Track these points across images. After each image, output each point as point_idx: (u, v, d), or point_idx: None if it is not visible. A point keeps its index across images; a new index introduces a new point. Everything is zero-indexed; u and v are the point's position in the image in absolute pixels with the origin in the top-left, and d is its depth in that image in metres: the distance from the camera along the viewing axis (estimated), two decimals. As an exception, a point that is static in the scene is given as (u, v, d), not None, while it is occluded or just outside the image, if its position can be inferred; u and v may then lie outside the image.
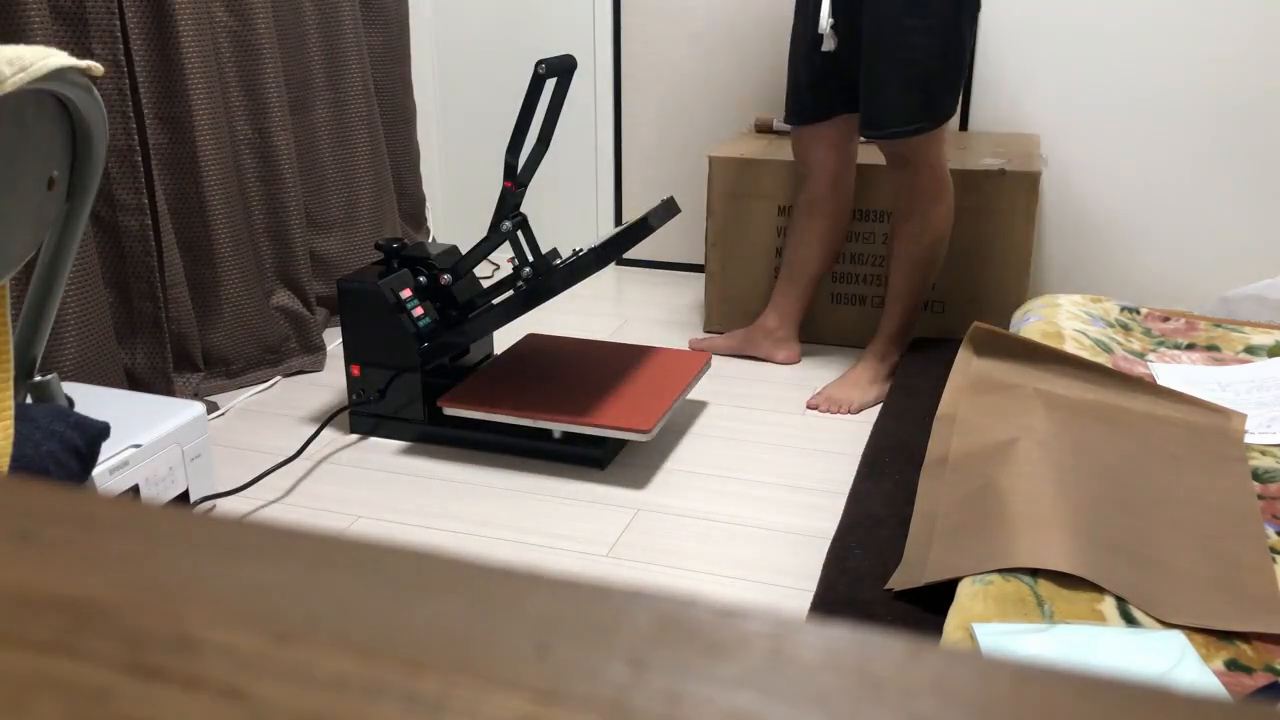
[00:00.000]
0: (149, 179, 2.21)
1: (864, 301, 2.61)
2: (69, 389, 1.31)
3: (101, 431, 1.12)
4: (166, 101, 2.24)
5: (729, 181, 2.63)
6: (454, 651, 0.23)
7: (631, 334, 2.78)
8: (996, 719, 0.21)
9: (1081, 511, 1.28)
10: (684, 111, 3.16)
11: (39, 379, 1.14)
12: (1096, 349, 1.79)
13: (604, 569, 1.73)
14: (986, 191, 2.44)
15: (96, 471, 1.39)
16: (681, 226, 3.20)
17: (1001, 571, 1.18)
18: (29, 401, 1.14)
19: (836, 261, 2.56)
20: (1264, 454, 1.50)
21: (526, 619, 0.24)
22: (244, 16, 2.39)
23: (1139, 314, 2.00)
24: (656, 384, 2.13)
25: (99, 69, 0.94)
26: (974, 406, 1.61)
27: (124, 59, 2.09)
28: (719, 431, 2.21)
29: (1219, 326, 1.93)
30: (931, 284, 2.35)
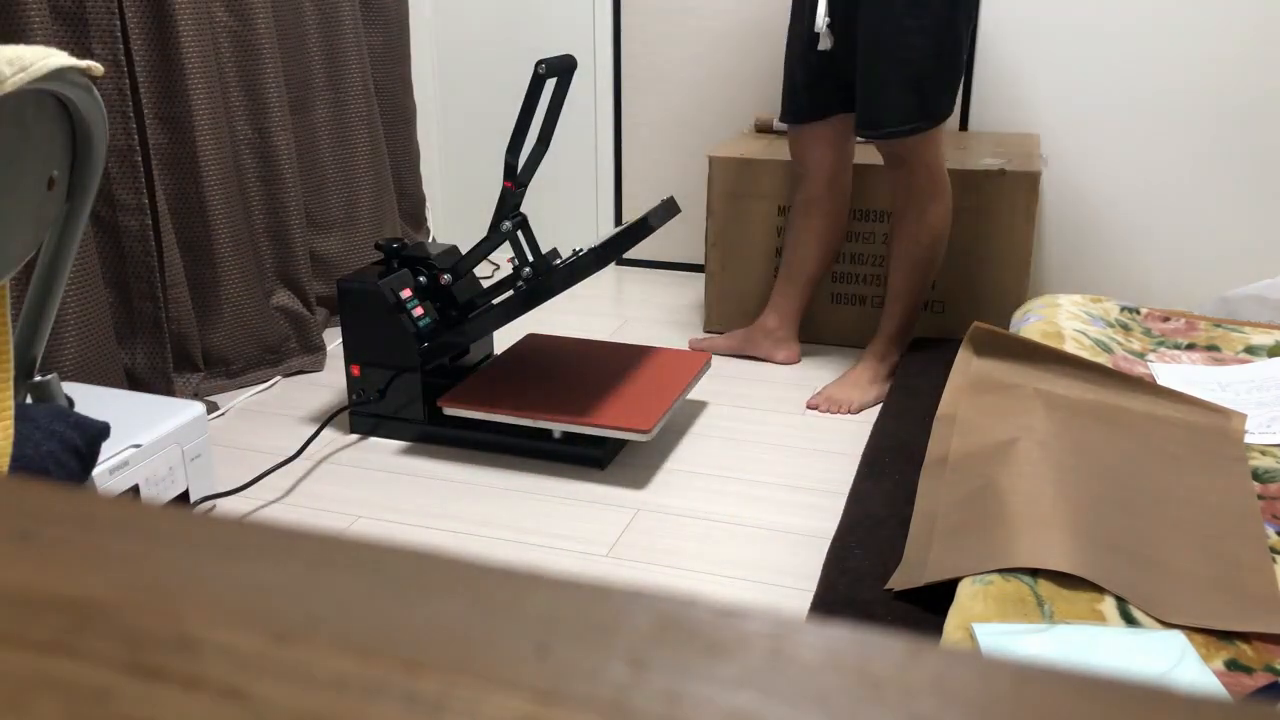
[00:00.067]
0: (149, 179, 2.21)
1: (864, 301, 2.61)
2: (69, 389, 1.31)
3: (101, 431, 1.12)
4: (166, 101, 2.24)
5: (729, 181, 2.63)
6: (454, 651, 0.23)
7: (631, 334, 2.78)
8: (996, 719, 0.21)
9: (1081, 511, 1.28)
10: (684, 111, 3.16)
11: (39, 379, 1.14)
12: (1096, 349, 1.79)
13: (604, 569, 1.73)
14: (986, 191, 2.44)
15: (96, 471, 1.39)
16: (681, 226, 3.20)
17: (1001, 571, 1.18)
18: (29, 401, 1.14)
19: (835, 261, 2.56)
20: (1264, 454, 1.50)
21: (526, 619, 0.24)
22: (244, 16, 2.39)
23: (1139, 314, 2.00)
24: (656, 384, 2.13)
25: (99, 69, 0.94)
26: (974, 406, 1.61)
27: (124, 59, 2.09)
28: (719, 431, 2.21)
29: (1219, 326, 1.93)
30: (931, 284, 2.35)
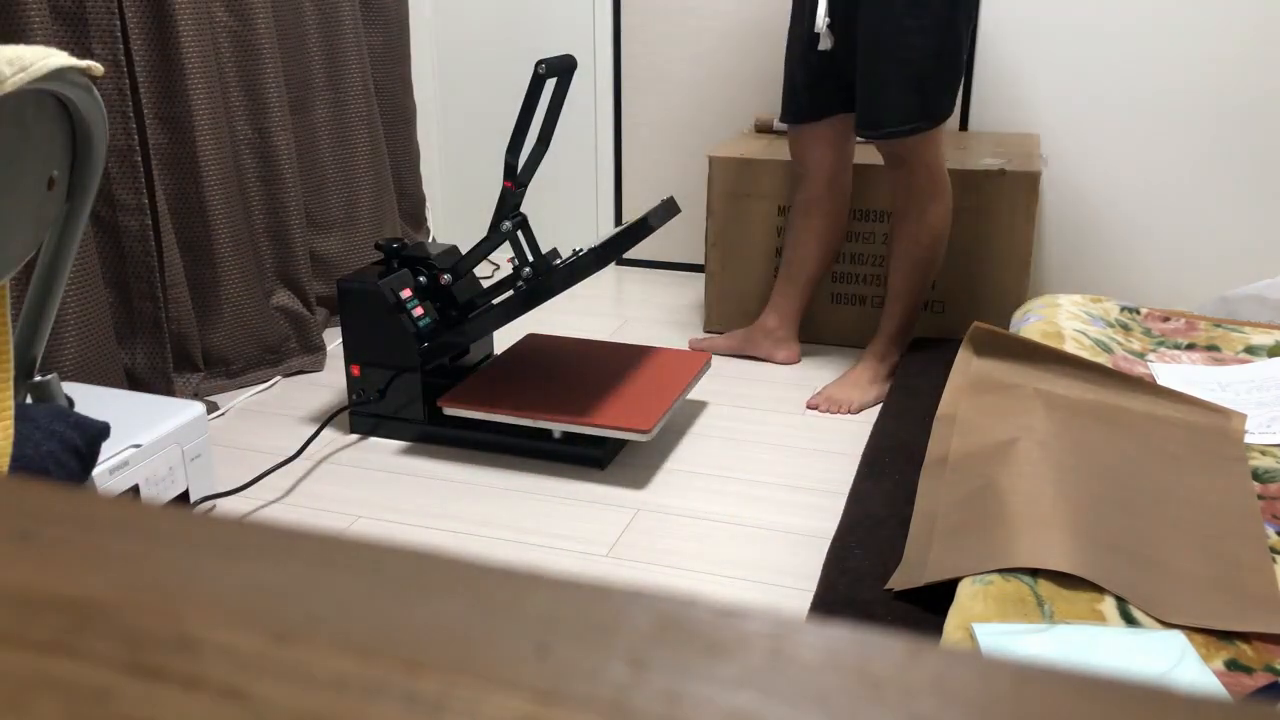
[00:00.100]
0: (149, 179, 2.21)
1: (864, 301, 2.61)
2: (69, 389, 1.31)
3: (101, 431, 1.12)
4: (166, 101, 2.24)
5: (729, 181, 2.63)
6: (454, 651, 0.23)
7: (631, 334, 2.78)
8: (996, 719, 0.21)
9: (1081, 511, 1.28)
10: (684, 111, 3.16)
11: (39, 379, 1.14)
12: (1096, 349, 1.79)
13: (604, 569, 1.73)
14: (986, 191, 2.44)
15: (96, 471, 1.39)
16: (681, 226, 3.20)
17: (1001, 571, 1.18)
18: (29, 401, 1.14)
19: (835, 261, 2.56)
20: (1264, 454, 1.50)
21: (526, 619, 0.24)
22: (244, 16, 2.39)
23: (1139, 314, 2.00)
24: (656, 384, 2.13)
25: (99, 69, 0.94)
26: (974, 406, 1.61)
27: (124, 59, 2.09)
28: (719, 431, 2.21)
29: (1219, 326, 1.93)
30: (931, 284, 2.35)
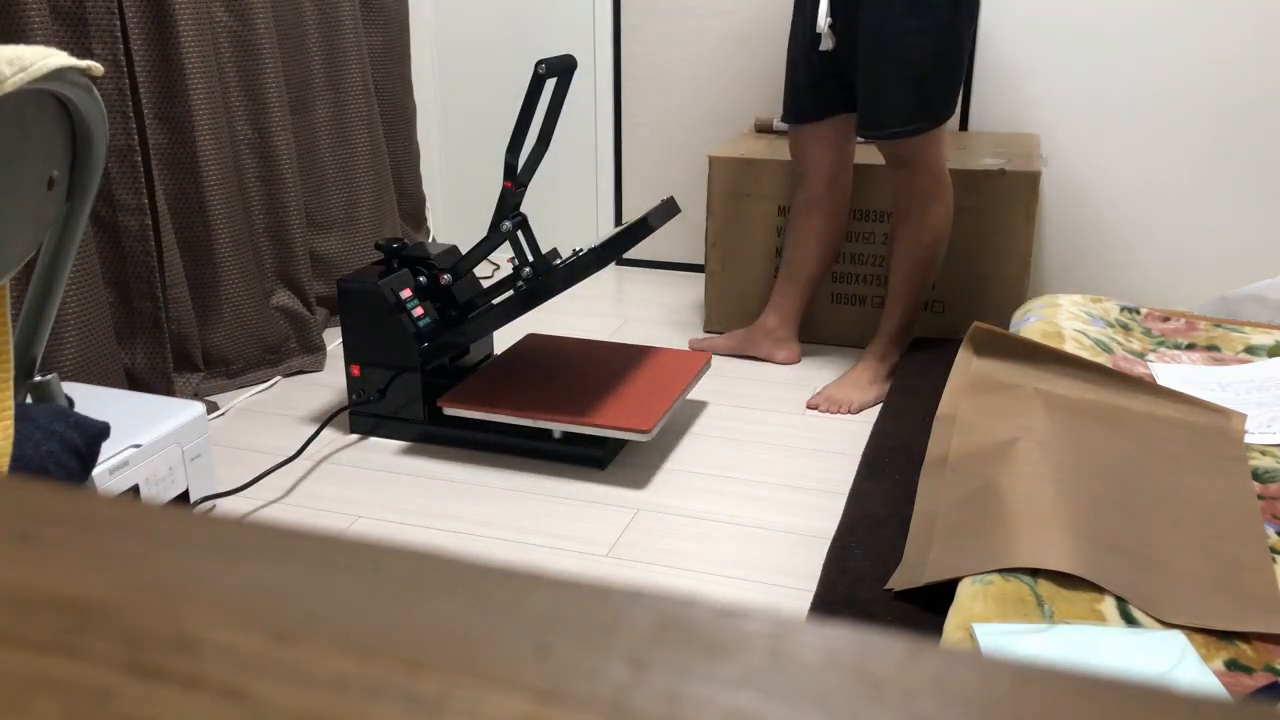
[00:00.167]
0: (149, 179, 2.21)
1: (864, 301, 2.61)
2: (69, 389, 1.31)
3: (101, 431, 1.12)
4: (166, 101, 2.24)
5: (729, 181, 2.63)
6: (454, 651, 0.23)
7: (631, 334, 2.78)
8: (996, 719, 0.21)
9: (1081, 511, 1.28)
10: (684, 111, 3.16)
11: (39, 379, 1.14)
12: (1096, 349, 1.79)
13: (604, 569, 1.73)
14: (986, 191, 2.44)
15: (96, 471, 1.39)
16: (681, 226, 3.20)
17: (1001, 571, 1.18)
18: (29, 401, 1.14)
19: (835, 261, 2.56)
20: (1264, 454, 1.50)
21: (526, 619, 0.24)
22: (244, 16, 2.39)
23: (1139, 314, 2.00)
24: (656, 384, 2.13)
25: (99, 69, 0.94)
26: (974, 406, 1.61)
27: (124, 59, 2.09)
28: (719, 431, 2.21)
29: (1219, 326, 1.93)
30: (931, 284, 2.35)
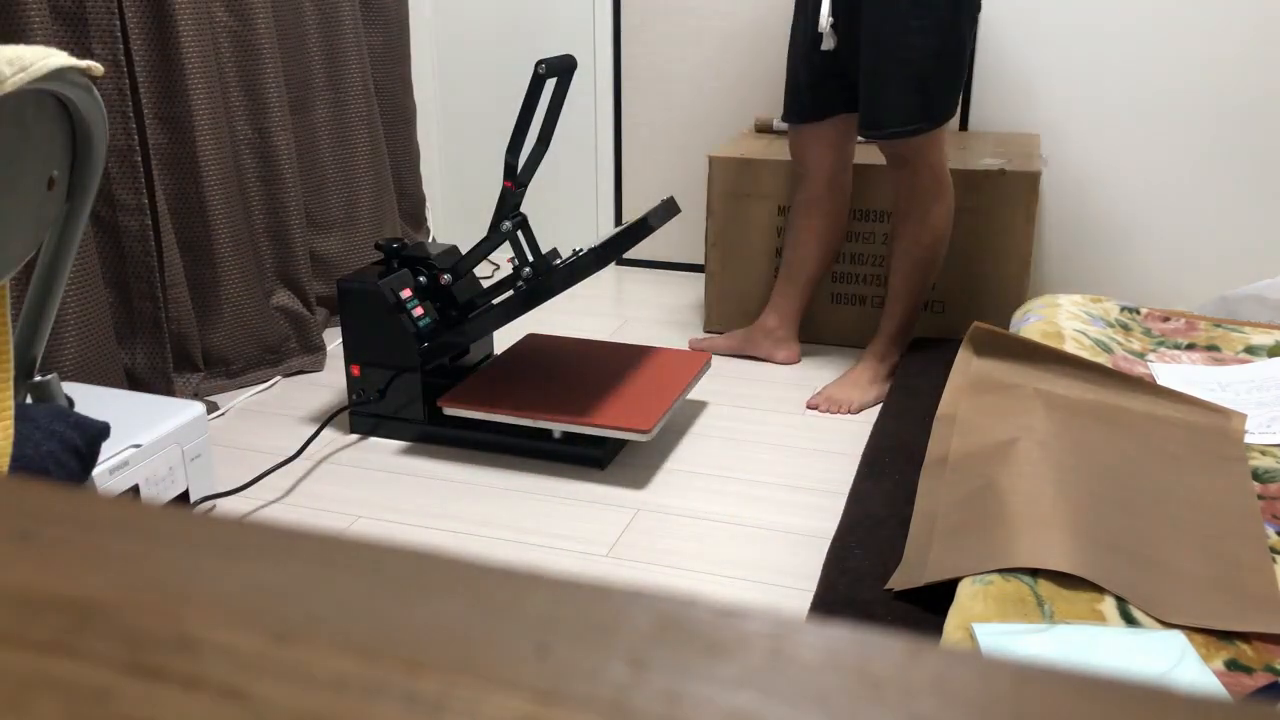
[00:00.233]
0: (149, 179, 2.21)
1: (864, 301, 2.61)
2: (69, 389, 1.31)
3: (101, 431, 1.12)
4: (166, 101, 2.24)
5: (729, 181, 2.63)
6: (454, 651, 0.23)
7: (631, 334, 2.78)
8: (996, 719, 0.21)
9: (1081, 511, 1.28)
10: (684, 111, 3.16)
11: (39, 379, 1.14)
12: (1096, 349, 1.79)
13: (604, 569, 1.73)
14: (986, 191, 2.44)
15: (96, 471, 1.39)
16: (681, 226, 3.20)
17: (1001, 571, 1.18)
18: (29, 401, 1.14)
19: (835, 261, 2.56)
20: (1264, 454, 1.50)
21: (526, 619, 0.24)
22: (244, 16, 2.39)
23: (1139, 314, 2.00)
24: (656, 384, 2.13)
25: (99, 69, 0.94)
26: (974, 406, 1.61)
27: (124, 59, 2.09)
28: (719, 431, 2.21)
29: (1219, 326, 1.93)
30: (931, 284, 2.35)
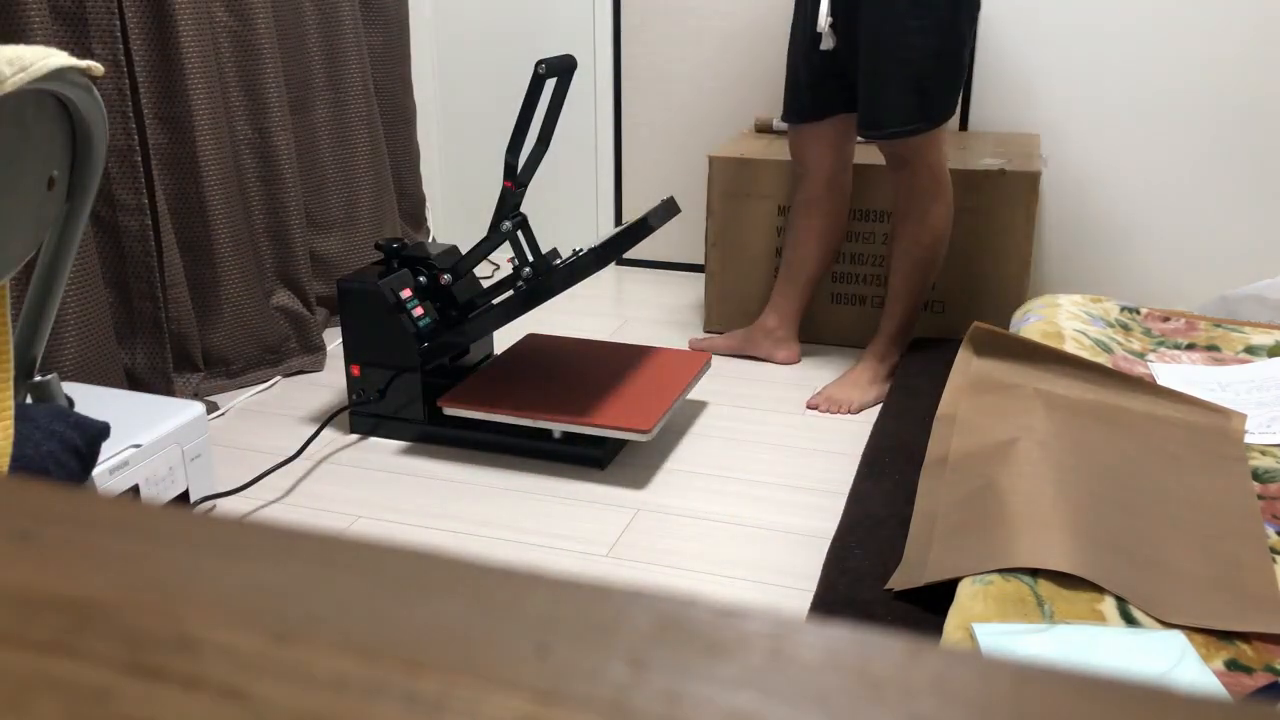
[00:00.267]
0: (149, 179, 2.21)
1: (864, 301, 2.61)
2: (69, 389, 1.31)
3: (101, 431, 1.12)
4: (166, 101, 2.24)
5: (729, 181, 2.63)
6: (454, 651, 0.23)
7: (631, 334, 2.78)
8: (996, 719, 0.21)
9: (1081, 511, 1.28)
10: (684, 111, 3.16)
11: (39, 379, 1.14)
12: (1096, 349, 1.79)
13: (604, 569, 1.73)
14: (986, 191, 2.44)
15: (96, 471, 1.39)
16: (681, 226, 3.20)
17: (1001, 571, 1.18)
18: (29, 401, 1.14)
19: (835, 261, 2.56)
20: (1264, 454, 1.49)
21: (526, 619, 0.24)
22: (244, 16, 2.39)
23: (1139, 314, 2.00)
24: (656, 384, 2.13)
25: (99, 69, 0.94)
26: (974, 406, 1.61)
27: (124, 59, 2.09)
28: (719, 431, 2.21)
29: (1219, 326, 1.93)
30: (931, 284, 2.35)
